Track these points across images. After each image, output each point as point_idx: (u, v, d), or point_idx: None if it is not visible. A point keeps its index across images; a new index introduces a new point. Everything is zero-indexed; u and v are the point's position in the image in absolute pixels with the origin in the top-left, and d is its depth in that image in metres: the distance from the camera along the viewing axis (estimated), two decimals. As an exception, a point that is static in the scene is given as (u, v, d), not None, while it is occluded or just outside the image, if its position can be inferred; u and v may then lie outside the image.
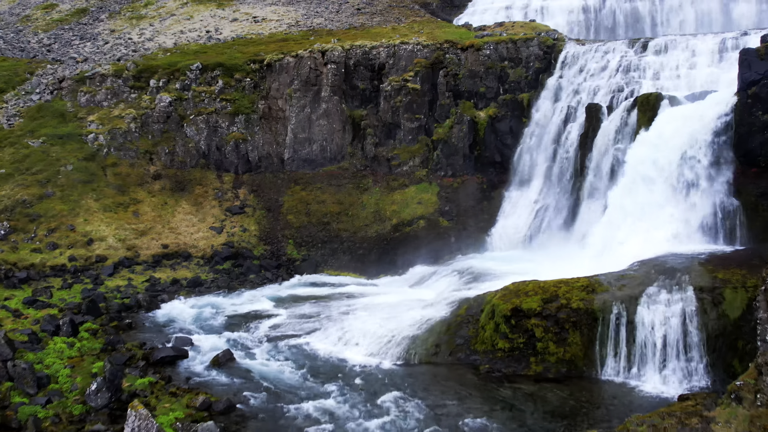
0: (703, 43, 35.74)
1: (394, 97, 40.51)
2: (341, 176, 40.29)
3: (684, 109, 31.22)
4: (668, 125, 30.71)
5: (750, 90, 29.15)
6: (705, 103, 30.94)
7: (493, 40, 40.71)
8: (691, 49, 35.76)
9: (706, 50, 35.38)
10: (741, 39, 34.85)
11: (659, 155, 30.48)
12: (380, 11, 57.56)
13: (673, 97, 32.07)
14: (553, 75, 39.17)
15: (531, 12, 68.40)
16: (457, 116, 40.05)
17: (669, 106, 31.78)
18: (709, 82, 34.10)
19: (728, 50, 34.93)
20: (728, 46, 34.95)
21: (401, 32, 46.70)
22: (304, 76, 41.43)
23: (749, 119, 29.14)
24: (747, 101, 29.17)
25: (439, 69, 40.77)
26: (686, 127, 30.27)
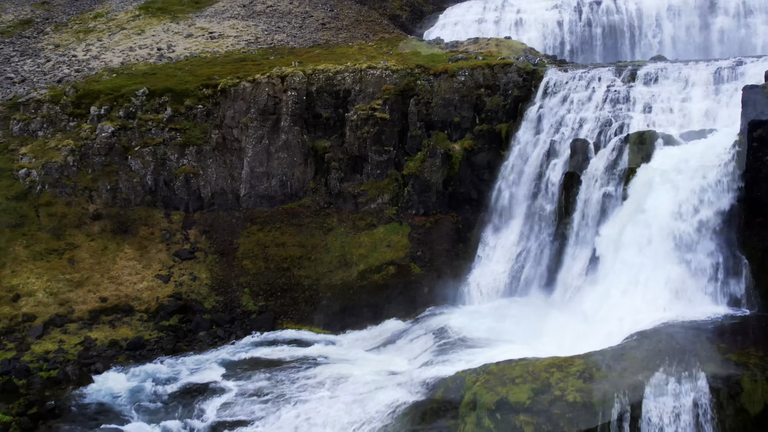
0: (697, 73, 32.78)
1: (360, 127, 36.94)
2: (303, 214, 36.60)
3: (681, 151, 28.17)
4: (663, 168, 27.61)
5: (756, 132, 26.13)
6: (704, 145, 27.92)
7: (468, 65, 37.33)
8: (684, 78, 32.78)
9: (700, 81, 32.42)
10: (738, 69, 31.96)
11: (654, 202, 27.37)
12: (346, 26, 53.94)
13: (668, 136, 29.02)
14: (533, 104, 35.93)
15: (504, 25, 65.42)
16: (430, 149, 36.60)
17: (664, 145, 28.73)
18: (705, 118, 31.12)
19: (724, 81, 32.05)
20: (724, 76, 32.04)
21: (368, 53, 43.13)
22: (262, 104, 37.62)
23: (755, 165, 26.14)
24: (752, 144, 26.16)
25: (409, 96, 37.29)
26: (683, 171, 27.20)
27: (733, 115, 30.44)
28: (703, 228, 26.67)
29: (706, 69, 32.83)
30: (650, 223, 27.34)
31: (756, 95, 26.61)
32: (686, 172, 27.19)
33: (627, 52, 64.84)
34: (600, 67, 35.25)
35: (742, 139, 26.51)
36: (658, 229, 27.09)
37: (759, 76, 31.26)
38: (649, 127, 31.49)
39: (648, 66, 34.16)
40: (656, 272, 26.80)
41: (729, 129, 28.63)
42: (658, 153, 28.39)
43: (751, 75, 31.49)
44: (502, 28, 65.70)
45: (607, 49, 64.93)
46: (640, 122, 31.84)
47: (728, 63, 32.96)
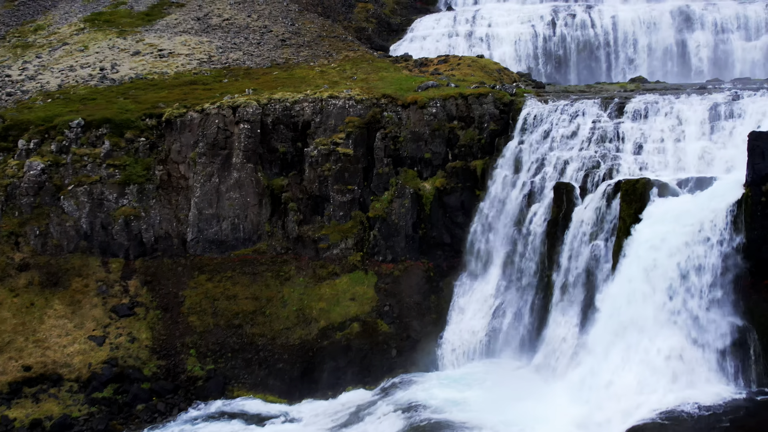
0: (690, 108, 29.79)
1: (321, 163, 33.30)
2: (257, 262, 32.85)
3: (679, 203, 25.07)
4: (661, 225, 24.50)
5: (764, 186, 23.14)
6: (705, 197, 24.84)
7: (439, 94, 33.90)
8: (676, 115, 29.79)
9: (694, 118, 29.44)
10: (735, 105, 29.05)
11: (650, 263, 24.26)
12: (308, 43, 50.22)
13: (664, 184, 25.88)
14: (511, 139, 32.65)
15: (476, 39, 62.32)
16: (398, 188, 33.12)
17: (660, 196, 25.60)
18: (701, 161, 28.14)
19: (720, 118, 29.12)
20: (720, 113, 29.12)
21: (330, 77, 39.49)
22: (211, 138, 33.76)
23: (763, 222, 23.17)
24: (761, 200, 23.18)
25: (375, 130, 33.75)
26: (684, 228, 24.12)
27: (731, 158, 27.59)
28: (706, 292, 23.65)
29: (701, 104, 29.86)
30: (646, 286, 24.25)
31: (764, 143, 23.58)
32: (686, 228, 24.12)
33: (603, 68, 62.25)
34: (584, 99, 32.08)
35: (749, 192, 23.46)
36: (656, 292, 24.02)
37: (759, 115, 28.46)
38: (641, 170, 28.45)
39: (636, 99, 31.05)
40: (654, 342, 23.73)
41: (731, 177, 25.63)
42: (653, 205, 25.24)
43: (752, 113, 28.64)
44: (474, 43, 62.66)
45: (583, 66, 62.29)
46: (631, 164, 28.75)
47: (724, 97, 30.04)
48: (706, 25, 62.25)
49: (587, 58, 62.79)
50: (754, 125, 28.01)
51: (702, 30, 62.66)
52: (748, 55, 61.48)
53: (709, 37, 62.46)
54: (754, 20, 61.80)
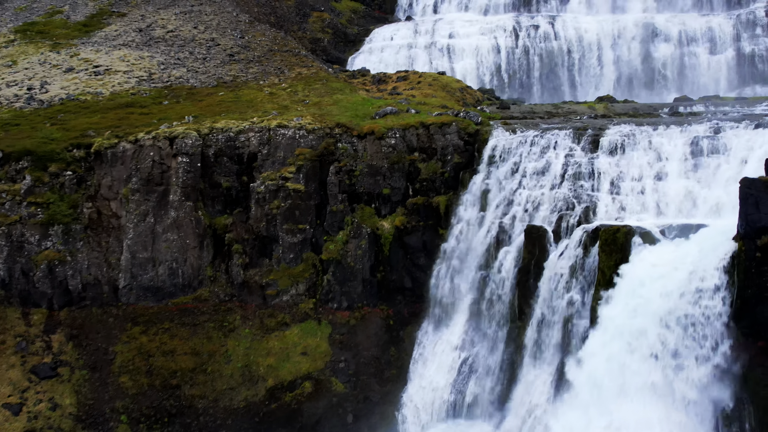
0: (670, 142, 27.48)
1: (269, 200, 30.14)
2: (198, 311, 29.55)
3: (665, 254, 22.57)
4: (644, 283, 22.00)
5: (760, 240, 20.77)
6: (694, 249, 22.38)
7: (398, 123, 31.00)
8: (656, 149, 27.41)
9: (675, 153, 27.11)
10: (718, 140, 26.77)
11: (631, 326, 21.77)
12: (258, 58, 46.89)
13: (647, 233, 23.37)
14: (477, 173, 29.96)
15: (436, 51, 59.69)
16: (354, 227, 30.14)
17: (643, 245, 23.09)
18: (685, 201, 25.79)
19: (703, 153, 26.82)
20: (703, 148, 26.82)
21: (280, 100, 36.28)
22: (146, 172, 30.32)
23: (758, 280, 20.80)
24: (755, 255, 20.78)
25: (329, 163, 30.71)
26: (670, 286, 21.66)
27: (716, 200, 25.36)
28: (694, 359, 21.23)
29: (681, 137, 27.55)
30: (631, 349, 21.75)
31: (758, 192, 21.21)
32: (672, 286, 21.65)
33: (567, 82, 60.20)
34: (555, 130, 29.49)
35: (742, 246, 21.06)
36: (638, 358, 21.54)
37: (744, 151, 26.24)
38: (620, 212, 25.97)
39: (612, 131, 28.56)
40: (638, 411, 21.23)
41: (719, 224, 23.28)
42: (636, 257, 22.72)
43: (736, 149, 26.38)
44: (435, 55, 60.03)
45: (547, 79, 60.16)
46: (608, 206, 26.25)
47: (705, 130, 27.74)
48: (671, 37, 60.71)
49: (551, 71, 60.73)
50: (740, 163, 25.89)
51: (667, 43, 61.10)
52: (713, 68, 60.07)
53: (675, 50, 60.94)
54: (718, 33, 60.38)
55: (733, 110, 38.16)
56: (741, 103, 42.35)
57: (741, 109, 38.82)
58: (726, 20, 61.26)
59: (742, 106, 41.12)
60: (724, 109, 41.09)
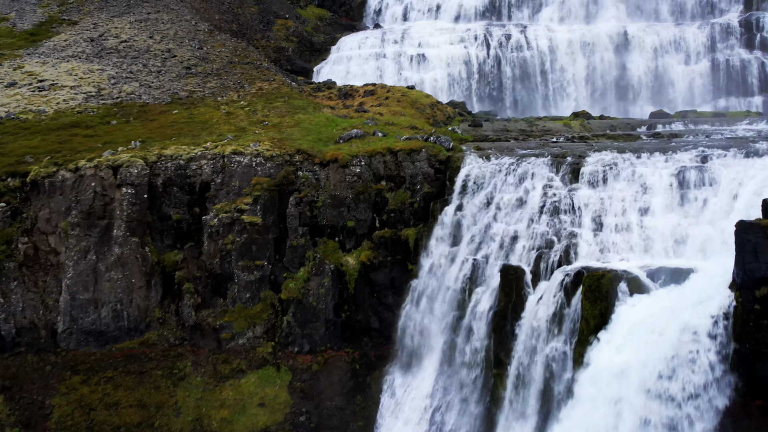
0: (654, 173, 25.59)
1: (223, 234, 27.65)
2: (145, 357, 26.95)
3: (653, 305, 20.61)
4: (632, 338, 20.01)
5: (758, 290, 18.89)
6: (685, 298, 20.41)
7: (364, 150, 28.71)
8: (639, 180, 25.49)
9: (660, 185, 25.23)
10: (705, 170, 24.94)
11: (618, 389, 19.77)
12: (217, 71, 44.24)
13: (634, 279, 21.41)
14: (449, 204, 27.79)
15: (405, 61, 57.54)
16: (316, 263, 27.77)
17: (629, 293, 21.11)
18: (672, 239, 23.87)
19: (690, 186, 24.98)
20: (690, 180, 24.98)
21: (238, 120, 33.74)
22: (87, 204, 27.61)
23: (757, 334, 18.93)
24: (753, 308, 18.90)
25: (288, 193, 28.30)
26: (660, 343, 19.69)
27: (706, 238, 23.53)
28: (686, 419, 19.27)
29: (666, 168, 25.68)
30: (617, 412, 19.76)
31: (756, 237, 19.31)
32: (662, 340, 19.68)
33: (540, 93, 58.48)
34: (532, 158, 27.43)
35: (740, 298, 19.16)
36: (629, 421, 19.53)
37: (734, 184, 24.45)
38: (602, 252, 23.99)
39: (592, 160, 26.59)
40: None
41: (711, 268, 21.40)
42: (622, 307, 20.72)
43: (725, 182, 24.56)
44: (403, 65, 57.87)
45: (520, 90, 58.40)
46: (590, 244, 24.25)
47: (691, 159, 25.92)
48: (645, 48, 59.34)
49: (524, 82, 58.98)
50: (729, 197, 24.11)
51: (641, 53, 59.78)
52: (687, 79, 58.82)
53: (649, 61, 59.64)
54: (693, 43, 59.14)
55: (714, 129, 36.62)
56: (721, 120, 40.89)
57: (722, 129, 37.31)
58: (700, 30, 60.10)
59: (722, 124, 39.66)
60: (704, 127, 39.55)
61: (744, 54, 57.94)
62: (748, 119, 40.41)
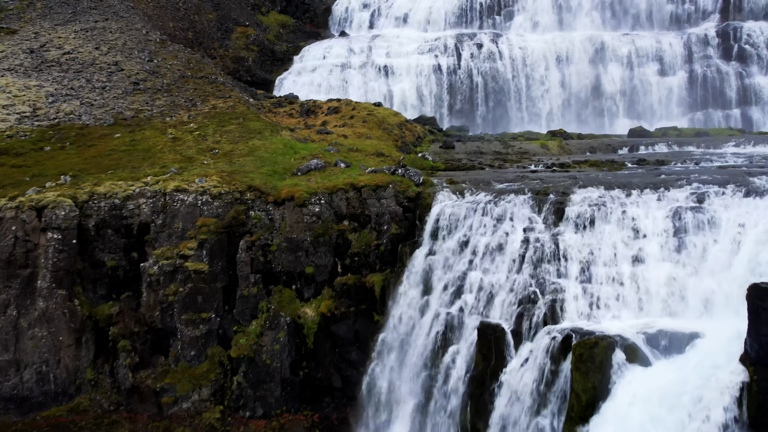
0: (647, 214, 22.99)
1: (164, 283, 24.39)
2: (74, 426, 23.59)
3: (654, 380, 17.89)
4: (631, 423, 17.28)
5: (776, 367, 16.24)
6: (690, 374, 17.72)
7: (324, 187, 25.63)
8: (631, 223, 22.82)
9: (654, 228, 22.61)
10: (703, 213, 22.37)
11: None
12: (167, 86, 40.77)
13: (630, 346, 18.68)
14: (419, 247, 24.89)
15: (372, 72, 54.53)
16: (271, 315, 24.66)
17: (626, 365, 18.38)
18: (670, 294, 21.23)
19: (688, 230, 22.40)
20: (687, 223, 22.41)
21: (185, 148, 30.44)
22: (7, 251, 24.14)
23: (775, 418, 16.28)
24: (770, 386, 16.27)
25: (239, 236, 25.13)
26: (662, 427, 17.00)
27: (708, 293, 20.92)
28: None
29: (659, 208, 23.10)
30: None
31: (773, 304, 16.68)
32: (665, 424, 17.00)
33: (513, 107, 55.93)
34: (511, 194, 24.62)
35: (754, 375, 16.54)
36: None
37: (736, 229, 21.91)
38: (593, 307, 21.27)
39: (578, 197, 23.89)
40: None
41: (716, 333, 18.79)
42: (619, 382, 17.98)
43: (727, 227, 22.01)
44: (371, 76, 54.93)
45: (492, 103, 55.81)
46: (579, 299, 21.51)
47: (686, 197, 23.39)
48: (621, 58, 57.17)
49: (496, 94, 56.45)
50: (731, 244, 21.58)
51: (616, 63, 57.64)
52: (664, 91, 56.76)
53: (624, 71, 57.48)
54: (669, 54, 57.11)
55: (702, 154, 34.30)
56: (705, 141, 38.59)
57: (709, 153, 35.04)
58: (677, 39, 58.12)
59: (708, 145, 37.36)
60: (690, 149, 37.28)
61: (722, 65, 56.05)
62: (734, 140, 38.20)
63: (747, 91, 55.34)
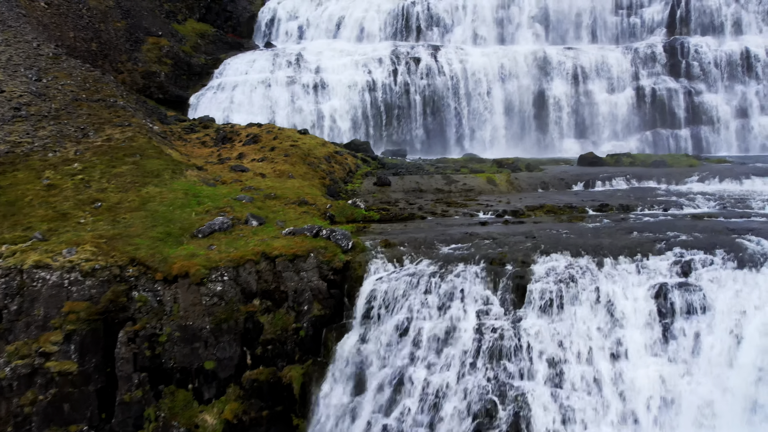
0: (626, 294, 18.95)
1: (19, 390, 18.83)
2: None
3: None
4: None
5: None
6: None
7: (228, 257, 20.46)
8: (607, 306, 18.61)
9: (635, 313, 18.61)
10: (692, 292, 18.43)
11: None
12: (56, 112, 34.71)
13: (621, 491, 14.28)
14: (349, 332, 20.02)
15: (300, 89, 49.50)
16: (160, 426, 19.37)
17: None
18: (662, 405, 17.02)
19: (675, 315, 18.55)
20: (674, 305, 18.54)
21: (61, 199, 24.74)
22: None
23: None
24: None
25: (119, 324, 19.74)
26: None
27: (704, 399, 16.86)
28: None
29: (639, 285, 19.16)
30: None
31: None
32: None
33: (453, 127, 51.73)
34: (460, 264, 20.05)
35: None
36: None
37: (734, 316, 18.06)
38: (566, 423, 16.88)
39: (541, 268, 19.55)
40: None
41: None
42: None
43: (721, 310, 18.07)
44: (298, 94, 49.91)
45: (431, 123, 51.46)
46: (548, 408, 17.15)
47: (668, 267, 19.69)
48: (566, 73, 53.74)
49: (436, 114, 52.22)
50: (728, 335, 17.68)
51: (561, 79, 54.29)
52: (612, 109, 53.66)
53: (570, 88, 54.07)
54: (616, 69, 54.04)
55: (666, 196, 30.65)
56: (666, 175, 35.04)
57: (675, 192, 31.46)
58: (623, 55, 55.13)
59: (669, 180, 33.80)
60: (650, 185, 33.68)
61: (670, 82, 53.23)
62: (696, 173, 34.83)
63: (696, 110, 52.69)
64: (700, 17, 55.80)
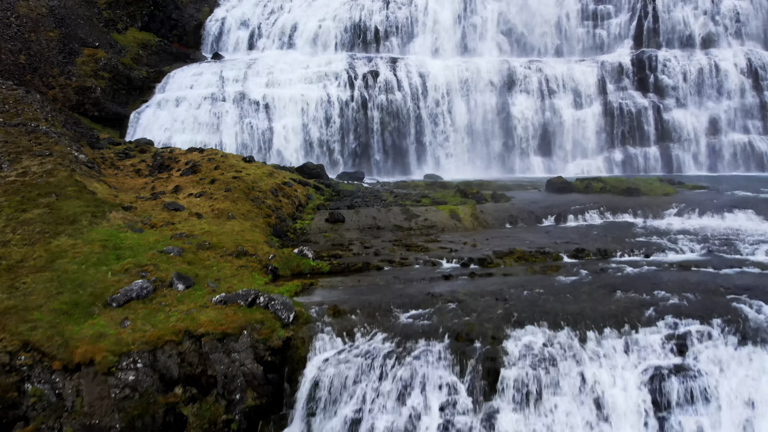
0: (615, 378, 16.61)
1: None
2: None
3: None
4: None
5: None
6: None
7: (144, 338, 17.06)
8: (592, 395, 15.92)
9: (626, 404, 15.93)
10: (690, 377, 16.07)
11: None
12: (-34, 140, 30.75)
13: None
14: (289, 426, 16.81)
15: (250, 107, 46.02)
16: None
17: None
18: None
19: (671, 405, 16.25)
20: (670, 393, 16.41)
21: (-45, 256, 20.94)
22: None
23: None
24: None
25: (7, 424, 16.17)
26: None
27: None
28: None
29: (629, 368, 16.58)
30: None
31: None
32: None
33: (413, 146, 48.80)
34: (421, 342, 17.01)
35: None
36: None
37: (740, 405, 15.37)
38: None
39: (514, 351, 16.59)
40: None
41: None
42: None
43: (726, 403, 15.46)
44: (248, 111, 46.44)
45: (390, 142, 48.44)
46: None
47: (660, 343, 17.10)
48: (531, 88, 51.30)
49: (395, 131, 49.32)
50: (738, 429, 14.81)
51: (526, 94, 51.89)
52: (579, 125, 51.31)
53: (535, 103, 51.68)
54: (583, 83, 51.73)
55: (644, 232, 28.11)
56: (642, 207, 32.54)
57: (651, 226, 28.97)
58: (590, 68, 52.91)
59: (646, 214, 31.31)
60: (626, 219, 31.20)
61: (638, 98, 51.23)
62: (673, 205, 32.40)
63: (665, 127, 50.68)
64: (668, 30, 53.85)
